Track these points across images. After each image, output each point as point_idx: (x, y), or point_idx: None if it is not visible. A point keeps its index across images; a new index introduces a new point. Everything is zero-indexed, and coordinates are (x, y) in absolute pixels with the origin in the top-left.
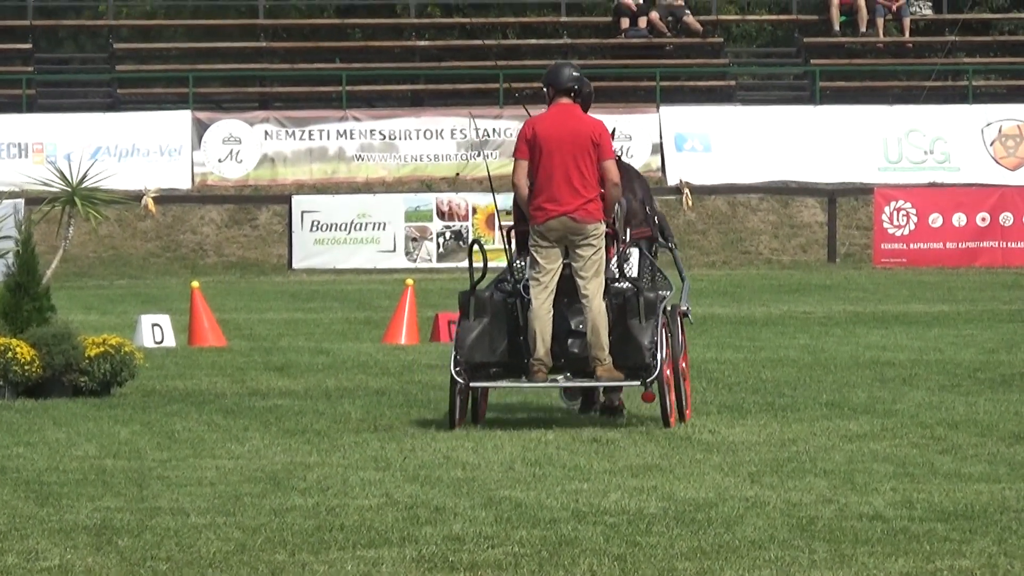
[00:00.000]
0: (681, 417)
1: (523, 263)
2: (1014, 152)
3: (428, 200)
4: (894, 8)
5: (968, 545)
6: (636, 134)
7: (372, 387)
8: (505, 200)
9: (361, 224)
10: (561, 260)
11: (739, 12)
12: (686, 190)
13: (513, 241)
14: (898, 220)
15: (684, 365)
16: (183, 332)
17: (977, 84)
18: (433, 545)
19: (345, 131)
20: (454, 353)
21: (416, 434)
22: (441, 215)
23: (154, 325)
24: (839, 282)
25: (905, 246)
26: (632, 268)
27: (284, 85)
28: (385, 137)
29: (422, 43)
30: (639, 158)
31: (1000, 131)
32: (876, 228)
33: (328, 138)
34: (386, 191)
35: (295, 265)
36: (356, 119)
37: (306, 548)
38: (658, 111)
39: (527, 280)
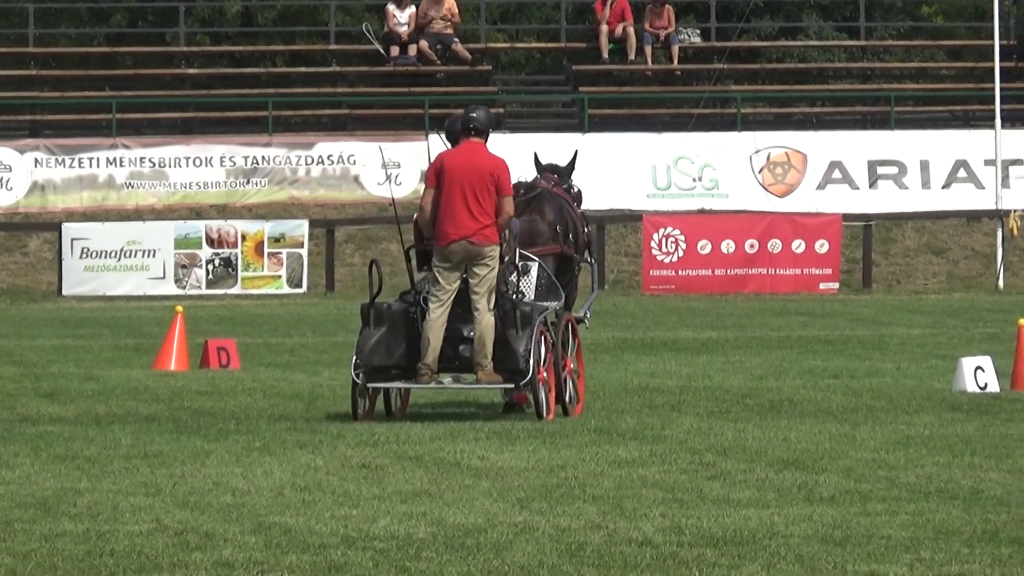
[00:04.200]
0: (565, 412)
1: (423, 276)
2: (782, 179)
3: (197, 227)
4: (663, 36)
5: (737, 570)
6: (405, 161)
7: (142, 413)
8: (274, 227)
9: (131, 251)
10: (459, 281)
11: (508, 40)
12: None
13: (413, 258)
14: (667, 247)
15: (572, 366)
16: None
17: (745, 111)
18: (203, 571)
19: (115, 159)
20: (354, 357)
21: (186, 460)
22: (210, 242)
23: None
24: (608, 308)
25: (674, 273)
26: (531, 280)
27: (54, 113)
28: (155, 165)
29: (192, 71)
30: (408, 185)
31: (768, 158)
32: (645, 255)
33: (98, 166)
34: (156, 218)
35: (65, 292)
36: (126, 147)
37: (76, 574)
38: (427, 139)
39: (426, 293)
